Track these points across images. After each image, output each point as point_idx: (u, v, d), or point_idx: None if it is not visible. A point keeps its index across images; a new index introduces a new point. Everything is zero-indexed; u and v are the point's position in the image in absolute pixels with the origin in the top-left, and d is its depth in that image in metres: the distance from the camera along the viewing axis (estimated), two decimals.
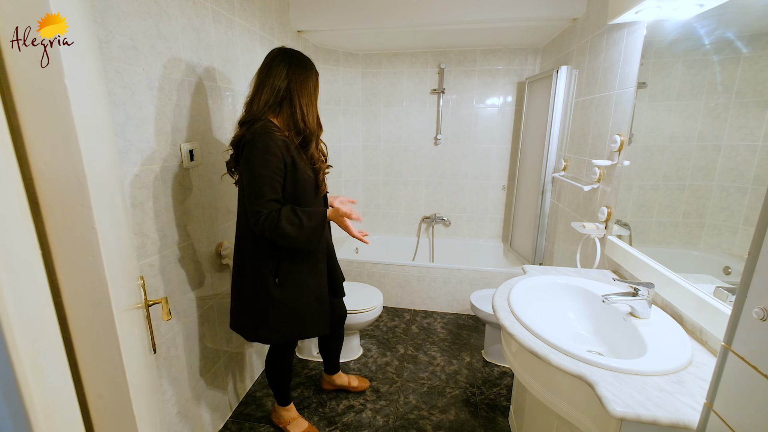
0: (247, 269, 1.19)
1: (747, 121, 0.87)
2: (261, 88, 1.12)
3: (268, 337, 1.23)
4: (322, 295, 1.26)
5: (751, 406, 0.52)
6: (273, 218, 1.06)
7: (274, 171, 1.07)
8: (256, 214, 1.06)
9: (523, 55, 2.51)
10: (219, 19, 1.37)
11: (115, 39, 0.94)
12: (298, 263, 1.19)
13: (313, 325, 1.25)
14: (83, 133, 0.35)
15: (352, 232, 1.16)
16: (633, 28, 1.28)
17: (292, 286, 1.19)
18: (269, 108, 1.11)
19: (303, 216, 1.09)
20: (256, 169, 1.06)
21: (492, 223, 2.84)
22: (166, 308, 0.81)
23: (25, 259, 0.33)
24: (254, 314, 1.20)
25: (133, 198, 1.02)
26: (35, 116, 0.33)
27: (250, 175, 1.07)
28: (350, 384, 1.69)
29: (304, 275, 1.21)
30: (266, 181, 1.06)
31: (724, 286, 0.85)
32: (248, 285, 1.19)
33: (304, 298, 1.21)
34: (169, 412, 1.20)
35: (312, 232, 1.10)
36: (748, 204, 0.86)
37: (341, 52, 2.61)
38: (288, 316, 1.20)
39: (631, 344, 0.92)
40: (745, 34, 0.89)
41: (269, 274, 1.16)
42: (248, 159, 1.07)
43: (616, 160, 1.34)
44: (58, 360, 0.35)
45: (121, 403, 0.41)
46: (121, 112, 0.97)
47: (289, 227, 1.07)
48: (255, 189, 1.06)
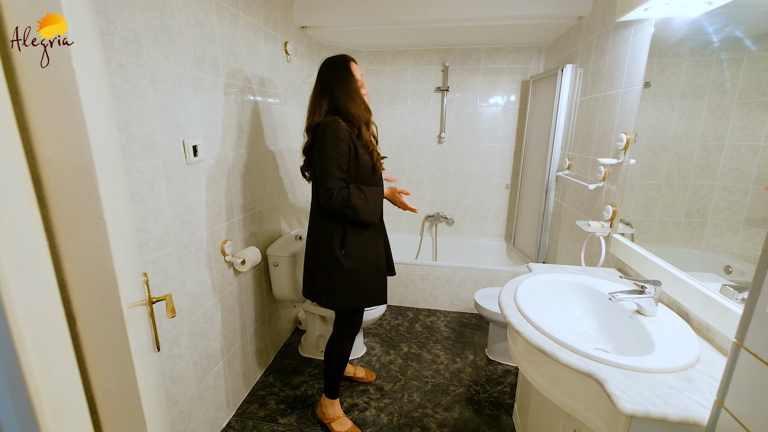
0: (319, 243, 1.34)
1: (749, 122, 0.87)
2: (314, 101, 1.30)
3: (338, 302, 1.34)
4: (381, 267, 1.41)
5: (764, 402, 0.51)
6: (345, 194, 1.22)
7: (342, 154, 1.22)
8: (329, 191, 1.22)
9: (527, 53, 2.50)
10: (223, 12, 1.36)
11: (118, 31, 0.93)
12: (359, 236, 1.33)
13: (375, 293, 1.39)
14: (91, 118, 0.34)
15: (407, 205, 1.35)
16: (640, 26, 1.27)
17: (356, 256, 1.33)
18: (326, 113, 1.28)
19: (367, 192, 1.27)
20: (327, 151, 1.21)
21: (495, 221, 2.83)
22: (170, 305, 0.80)
23: (31, 250, 0.32)
24: (327, 282, 1.34)
25: (136, 194, 1.02)
26: (41, 99, 0.32)
27: (323, 156, 1.22)
28: (356, 375, 1.72)
29: (364, 248, 1.34)
30: (335, 162, 1.21)
31: (729, 284, 0.85)
32: (321, 255, 1.34)
33: (366, 268, 1.36)
34: (171, 411, 1.19)
35: (374, 207, 1.28)
36: (750, 204, 0.86)
37: (345, 49, 2.60)
38: (354, 283, 1.34)
39: (638, 342, 0.91)
40: (753, 32, 0.88)
41: (336, 246, 1.31)
42: (321, 144, 1.22)
43: (621, 158, 1.33)
44: (66, 355, 0.34)
45: (130, 400, 0.40)
46: (123, 105, 0.96)
47: (358, 201, 1.24)
48: (327, 169, 1.22)
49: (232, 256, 1.45)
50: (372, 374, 1.77)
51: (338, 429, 1.45)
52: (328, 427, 1.47)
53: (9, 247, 0.29)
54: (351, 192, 1.23)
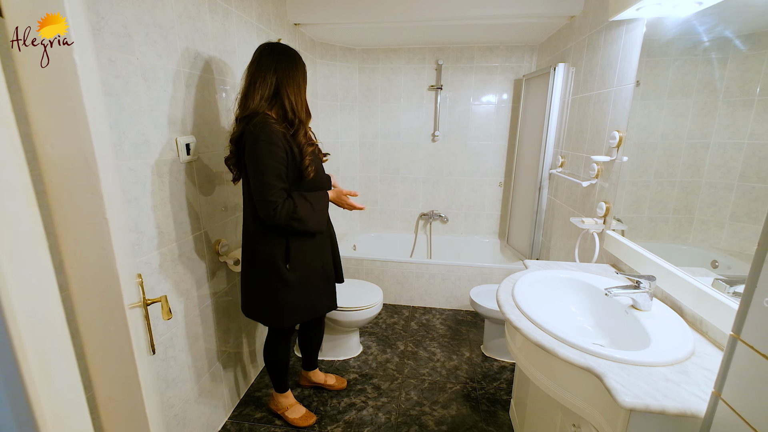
0: (257, 257, 1.23)
1: (734, 120, 0.89)
2: (253, 83, 1.14)
3: (284, 319, 1.26)
4: (329, 274, 1.34)
5: (761, 393, 0.53)
6: (290, 206, 1.12)
7: (279, 161, 1.11)
8: (271, 204, 1.10)
9: (519, 52, 2.52)
10: (215, 8, 1.33)
11: (108, 26, 0.90)
12: (305, 246, 1.24)
13: (323, 301, 1.34)
14: (93, 115, 0.32)
15: (354, 205, 1.28)
16: (632, 26, 1.28)
17: (303, 268, 1.25)
18: (265, 102, 1.13)
19: (313, 200, 1.18)
20: (262, 159, 1.09)
21: (489, 219, 2.85)
22: (166, 307, 0.78)
23: (32, 252, 0.31)
24: (269, 299, 1.24)
25: (128, 193, 0.99)
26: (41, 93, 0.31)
27: (257, 167, 1.10)
28: (326, 382, 1.68)
29: (312, 257, 1.27)
30: (274, 172, 1.10)
31: (721, 277, 0.87)
32: (260, 272, 1.23)
33: (315, 278, 1.28)
34: (167, 415, 1.17)
35: (321, 214, 1.21)
36: (735, 200, 0.88)
37: (338, 46, 2.58)
38: (302, 296, 1.26)
39: (634, 336, 0.93)
40: (743, 32, 0.90)
41: (280, 260, 1.21)
42: (253, 151, 1.09)
43: (614, 155, 1.35)
44: (68, 361, 0.32)
45: (133, 405, 0.38)
46: (114, 102, 0.93)
47: (304, 212, 1.15)
48: (265, 180, 1.09)
49: (226, 256, 1.43)
50: (343, 381, 1.70)
51: (292, 416, 1.47)
52: (282, 417, 1.49)
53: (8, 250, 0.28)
54: (296, 203, 1.13)
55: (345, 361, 1.90)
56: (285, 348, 1.43)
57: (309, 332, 1.56)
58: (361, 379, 1.76)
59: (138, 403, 0.39)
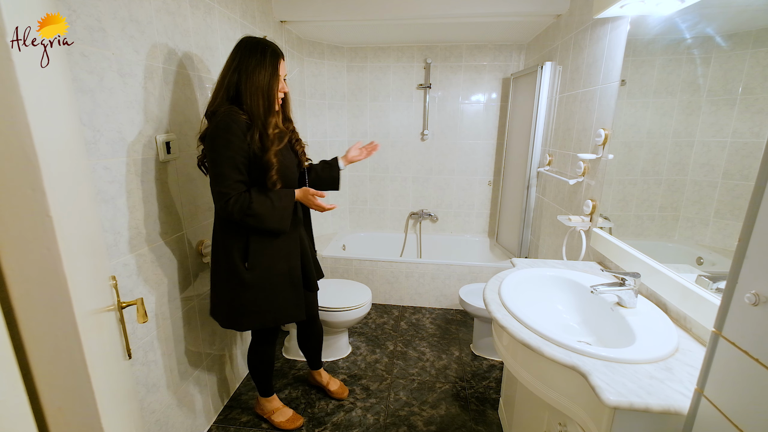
0: (217, 254, 1.18)
1: (717, 119, 0.90)
2: (221, 80, 1.10)
3: (242, 322, 1.20)
4: (295, 280, 1.25)
5: (742, 390, 0.52)
6: (244, 200, 1.06)
7: (237, 151, 1.05)
8: (224, 196, 1.05)
9: (507, 51, 2.53)
10: (197, 3, 1.30)
11: (80, 19, 0.87)
12: (267, 246, 1.17)
13: (289, 309, 1.24)
14: (32, 101, 0.30)
15: (323, 206, 1.18)
16: (617, 24, 1.29)
17: (263, 269, 1.17)
18: (227, 100, 1.09)
19: (274, 197, 1.11)
20: (218, 149, 1.04)
21: (478, 218, 2.85)
22: (141, 310, 0.76)
23: None
24: (227, 299, 1.19)
25: (104, 193, 0.95)
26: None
27: (212, 155, 1.05)
28: (328, 386, 1.63)
29: (274, 258, 1.19)
30: (230, 162, 1.04)
31: (704, 274, 0.87)
32: (221, 270, 1.18)
33: (276, 281, 1.20)
34: (147, 421, 1.13)
35: (283, 212, 1.12)
36: (719, 197, 0.89)
37: (326, 44, 2.56)
38: (261, 299, 1.19)
39: (619, 333, 0.93)
40: (724, 30, 0.91)
41: (238, 258, 1.15)
42: (210, 142, 1.05)
43: (600, 153, 1.35)
44: (7, 369, 0.30)
45: (86, 415, 0.36)
46: (88, 99, 0.89)
47: (261, 208, 1.08)
48: (219, 170, 1.05)
49: (209, 256, 1.39)
50: (345, 390, 1.63)
51: (278, 419, 1.45)
52: (269, 421, 1.46)
53: None
54: (252, 198, 1.07)
55: (334, 362, 1.87)
56: (268, 353, 1.39)
57: (305, 332, 1.54)
58: (349, 380, 1.74)
59: (93, 414, 0.36)
